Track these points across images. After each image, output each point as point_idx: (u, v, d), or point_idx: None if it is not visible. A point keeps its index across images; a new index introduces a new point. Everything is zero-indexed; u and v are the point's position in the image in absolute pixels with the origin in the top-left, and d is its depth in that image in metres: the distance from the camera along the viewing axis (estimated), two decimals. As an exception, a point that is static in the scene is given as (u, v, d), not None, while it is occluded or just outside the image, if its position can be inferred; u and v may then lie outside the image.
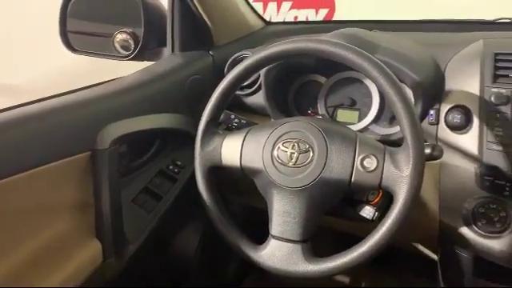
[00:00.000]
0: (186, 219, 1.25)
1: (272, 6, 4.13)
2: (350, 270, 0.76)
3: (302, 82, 1.16)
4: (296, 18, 3.94)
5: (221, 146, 0.87)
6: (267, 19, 1.40)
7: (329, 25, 1.12)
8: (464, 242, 0.92)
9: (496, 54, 0.90)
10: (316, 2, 3.92)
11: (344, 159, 0.77)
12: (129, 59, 1.24)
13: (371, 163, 0.76)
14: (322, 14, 3.93)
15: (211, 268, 1.44)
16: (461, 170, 0.94)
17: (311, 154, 0.79)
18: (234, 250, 0.86)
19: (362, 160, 0.76)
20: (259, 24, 1.35)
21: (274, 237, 0.82)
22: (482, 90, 0.88)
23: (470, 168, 0.93)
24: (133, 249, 0.97)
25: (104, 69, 1.42)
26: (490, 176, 0.91)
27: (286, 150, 0.81)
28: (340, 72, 1.11)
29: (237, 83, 0.86)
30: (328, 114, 1.13)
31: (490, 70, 0.89)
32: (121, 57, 1.26)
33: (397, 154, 0.75)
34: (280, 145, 0.81)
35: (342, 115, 1.12)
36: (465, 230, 0.92)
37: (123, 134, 0.94)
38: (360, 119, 1.09)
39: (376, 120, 1.07)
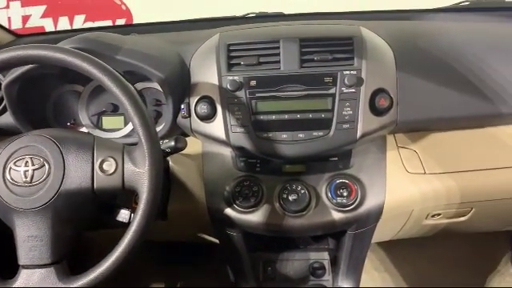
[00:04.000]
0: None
1: (64, 20, 3.85)
2: (110, 276, 0.73)
3: (59, 94, 1.09)
4: (93, 30, 3.75)
5: None
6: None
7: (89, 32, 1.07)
8: (230, 222, 0.99)
9: (229, 45, 0.97)
10: (112, 13, 3.78)
11: (82, 167, 0.74)
12: None
13: (110, 166, 0.75)
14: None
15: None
16: (219, 156, 1.01)
17: (47, 167, 0.74)
18: None
19: (101, 164, 0.75)
20: (7, 38, 1.22)
21: (23, 267, 0.74)
22: (219, 79, 0.95)
23: (226, 153, 1.01)
24: None
25: None
26: (243, 156, 0.99)
27: (19, 169, 0.74)
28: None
29: None
30: (92, 122, 1.08)
31: (225, 59, 0.96)
32: None
33: (134, 152, 0.75)
34: (11, 165, 0.74)
35: (108, 122, 1.09)
36: (229, 211, 0.98)
37: None
38: (126, 123, 1.08)
39: (140, 122, 1.07)
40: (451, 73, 0.99)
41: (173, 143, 0.83)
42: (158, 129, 1.05)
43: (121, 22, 3.78)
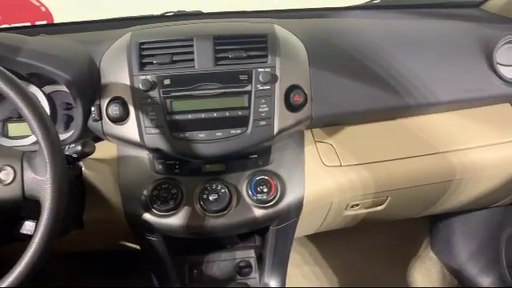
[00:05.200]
0: None
1: (-25, 23, 3.56)
2: None
3: (-44, 101, 1.00)
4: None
5: None
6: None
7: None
8: (149, 227, 0.96)
9: (141, 44, 0.94)
10: (30, 15, 3.56)
11: None
12: None
13: (8, 175, 0.70)
14: (39, 27, 3.60)
15: None
16: (135, 159, 0.97)
17: None
18: None
19: None
20: None
21: None
22: (131, 79, 0.91)
23: (142, 155, 0.97)
24: None
25: None
26: (160, 158, 0.96)
27: None
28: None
29: None
30: (-4, 130, 1.00)
31: (136, 58, 0.92)
32: None
33: (34, 158, 0.70)
34: None
35: (14, 129, 1.01)
36: (147, 216, 0.95)
37: None
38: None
39: (50, 127, 1.01)
40: (362, 68, 1.03)
41: (79, 148, 0.79)
42: (69, 134, 1.00)
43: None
